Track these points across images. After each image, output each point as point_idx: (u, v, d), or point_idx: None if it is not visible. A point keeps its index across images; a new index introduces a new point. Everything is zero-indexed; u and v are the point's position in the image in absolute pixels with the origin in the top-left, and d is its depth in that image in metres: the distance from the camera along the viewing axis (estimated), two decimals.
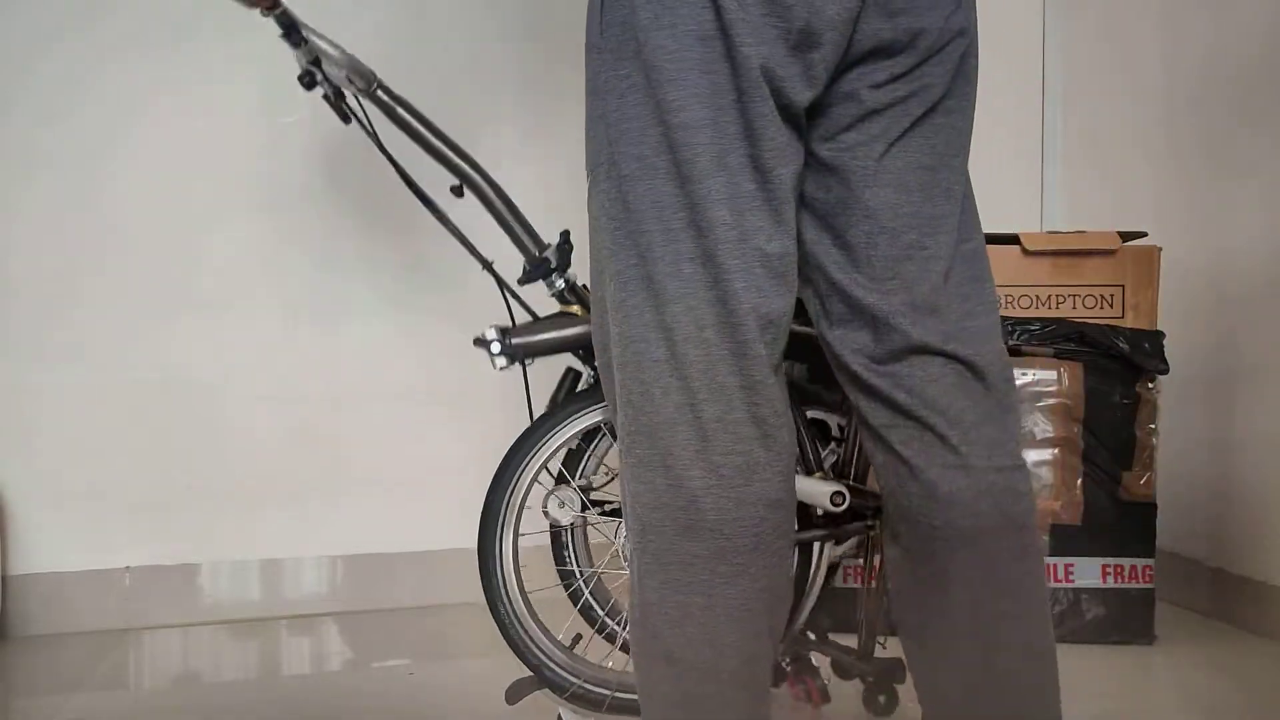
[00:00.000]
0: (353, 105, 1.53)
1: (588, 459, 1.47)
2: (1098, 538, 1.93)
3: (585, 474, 1.47)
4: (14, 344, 2.07)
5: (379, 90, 1.48)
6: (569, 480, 1.45)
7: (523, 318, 1.47)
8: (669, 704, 0.98)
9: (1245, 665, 1.84)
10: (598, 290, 1.04)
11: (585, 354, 1.46)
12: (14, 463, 2.07)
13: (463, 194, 1.49)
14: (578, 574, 1.48)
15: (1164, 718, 1.68)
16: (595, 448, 1.47)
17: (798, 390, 1.36)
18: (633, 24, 0.92)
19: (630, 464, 0.98)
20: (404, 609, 2.24)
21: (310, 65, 1.47)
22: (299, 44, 1.44)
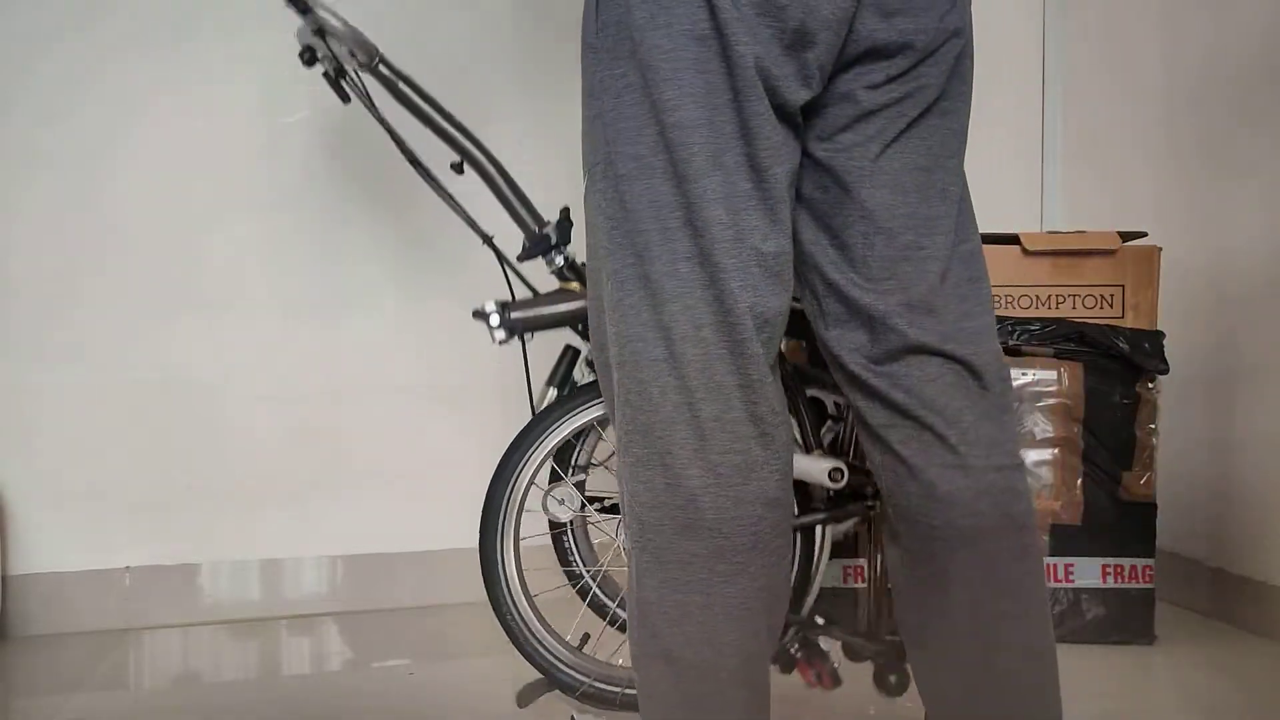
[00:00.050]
0: (353, 82, 1.52)
1: (578, 453, 1.47)
2: (1098, 538, 1.93)
3: (577, 469, 1.47)
4: (14, 344, 2.07)
5: (381, 65, 1.47)
6: (563, 476, 1.45)
7: (523, 294, 1.46)
8: (668, 703, 0.98)
9: (1245, 665, 1.84)
10: (595, 290, 1.04)
11: (584, 330, 1.45)
12: (14, 463, 2.08)
13: (463, 170, 1.49)
14: (583, 571, 1.48)
15: (1164, 718, 1.68)
16: (584, 442, 1.47)
17: (797, 371, 1.35)
18: (628, 24, 0.92)
19: (629, 463, 0.98)
20: (404, 609, 2.24)
21: (313, 37, 1.46)
22: (305, 11, 1.44)
